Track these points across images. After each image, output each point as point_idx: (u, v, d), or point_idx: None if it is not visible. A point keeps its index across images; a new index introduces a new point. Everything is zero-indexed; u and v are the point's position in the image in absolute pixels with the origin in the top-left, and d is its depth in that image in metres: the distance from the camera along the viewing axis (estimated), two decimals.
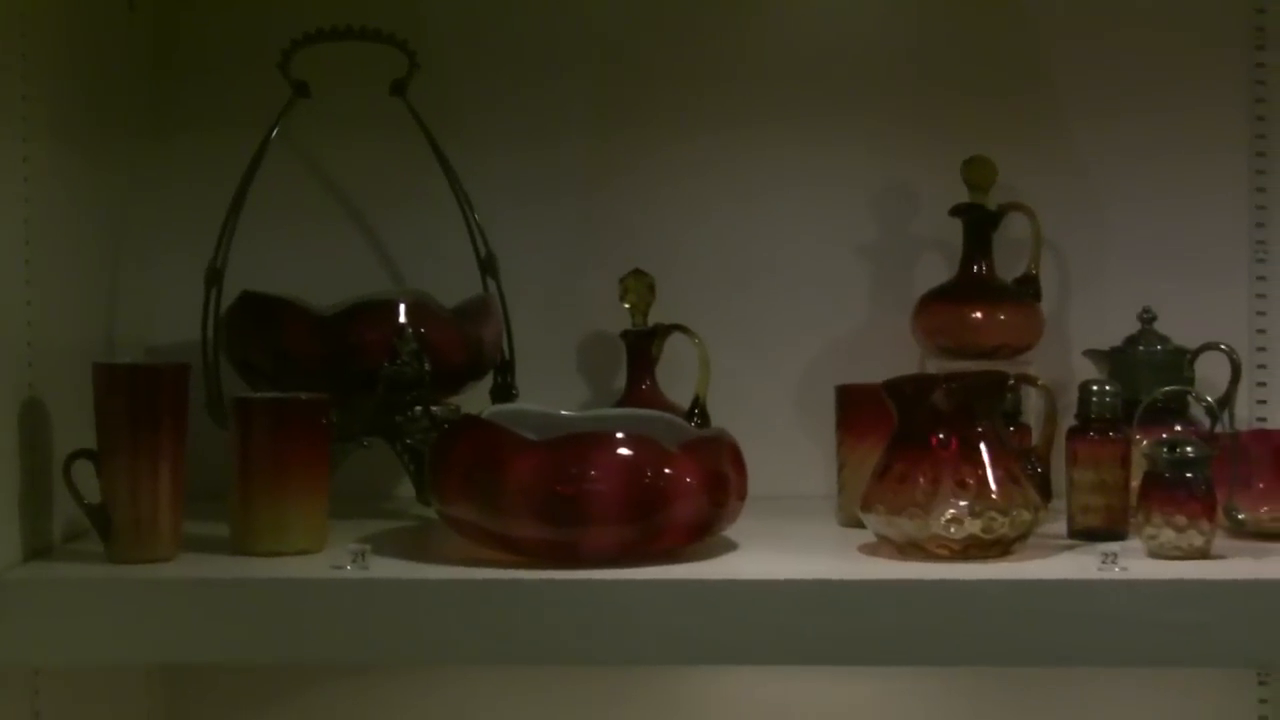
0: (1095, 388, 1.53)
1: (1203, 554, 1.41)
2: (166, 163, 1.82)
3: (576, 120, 1.86)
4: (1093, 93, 1.84)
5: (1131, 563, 1.37)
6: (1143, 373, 1.65)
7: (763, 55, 1.85)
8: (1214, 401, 1.55)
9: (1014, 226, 1.77)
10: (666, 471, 1.38)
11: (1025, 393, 1.67)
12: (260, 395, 1.52)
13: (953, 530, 1.39)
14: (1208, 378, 1.68)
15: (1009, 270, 1.76)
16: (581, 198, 1.86)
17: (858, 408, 1.60)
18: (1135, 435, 1.51)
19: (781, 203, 1.85)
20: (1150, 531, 1.42)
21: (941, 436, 1.42)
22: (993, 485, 1.40)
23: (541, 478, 1.36)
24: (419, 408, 1.61)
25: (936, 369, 1.70)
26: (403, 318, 1.61)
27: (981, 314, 1.72)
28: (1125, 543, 1.47)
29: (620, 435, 1.39)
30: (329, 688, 1.86)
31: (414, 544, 1.52)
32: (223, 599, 1.34)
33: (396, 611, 1.34)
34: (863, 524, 1.46)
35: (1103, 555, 1.37)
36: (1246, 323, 1.82)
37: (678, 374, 1.75)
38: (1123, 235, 1.84)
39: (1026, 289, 1.75)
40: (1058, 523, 1.54)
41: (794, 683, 1.83)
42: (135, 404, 1.40)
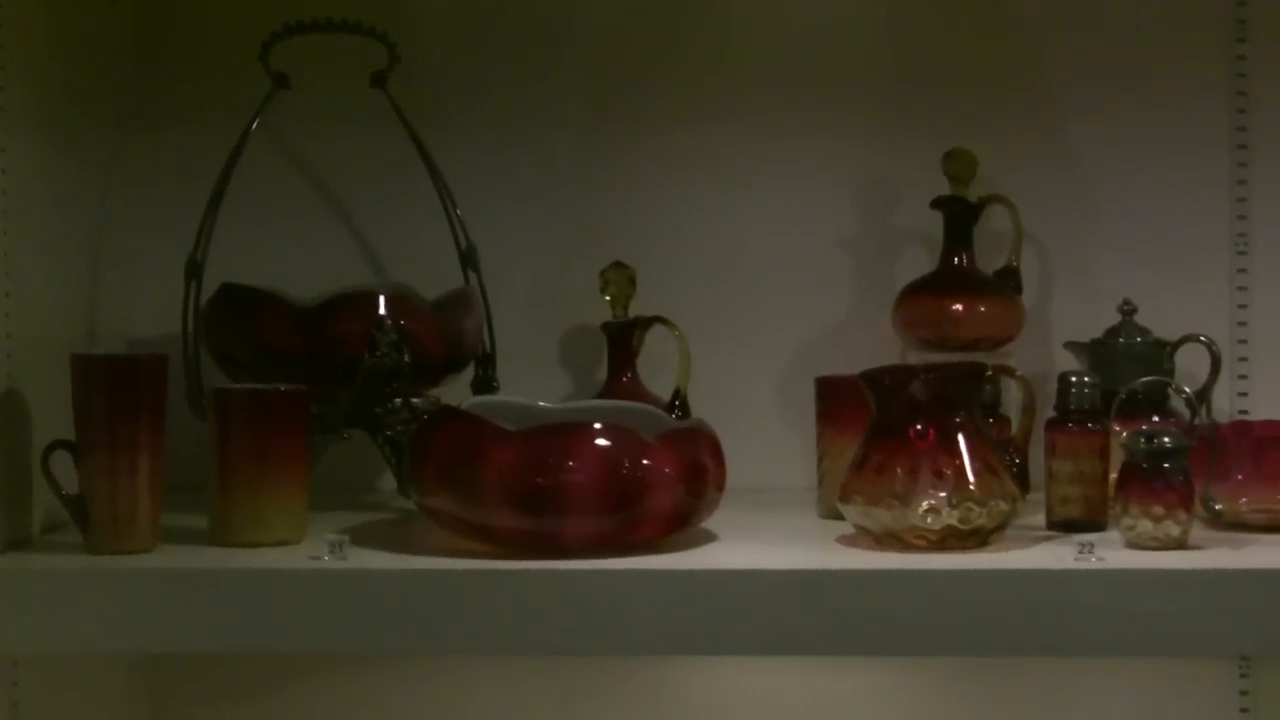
0: (1074, 379, 1.53)
1: (1180, 544, 1.41)
2: (148, 155, 1.82)
3: (559, 114, 1.86)
4: (1074, 86, 1.84)
5: (1108, 553, 1.37)
6: (1123, 365, 1.65)
7: (744, 49, 1.86)
8: (1193, 393, 1.56)
9: (995, 219, 1.77)
10: (644, 462, 1.38)
11: (1005, 385, 1.67)
12: (239, 387, 1.52)
13: (930, 521, 1.39)
14: (1189, 370, 1.68)
15: (990, 263, 1.77)
16: (564, 191, 1.86)
17: (838, 399, 1.59)
18: (1114, 427, 1.51)
19: (763, 195, 1.85)
20: (1128, 522, 1.42)
21: (919, 427, 1.42)
22: (970, 476, 1.40)
23: (519, 468, 1.36)
24: (399, 400, 1.61)
25: (917, 361, 1.70)
26: (382, 310, 1.61)
27: (962, 306, 1.72)
28: (1103, 534, 1.47)
29: (598, 426, 1.39)
30: (312, 679, 1.86)
31: (393, 535, 1.52)
32: (200, 589, 1.34)
33: (374, 602, 1.34)
34: (842, 515, 1.46)
35: (1079, 545, 1.37)
36: (1227, 315, 1.82)
37: (659, 366, 1.75)
38: (1104, 228, 1.84)
39: (1007, 281, 1.75)
40: (1037, 514, 1.54)
41: (778, 675, 1.84)
42: (114, 395, 1.40)
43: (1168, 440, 1.42)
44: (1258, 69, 1.82)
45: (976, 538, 1.41)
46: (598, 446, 1.38)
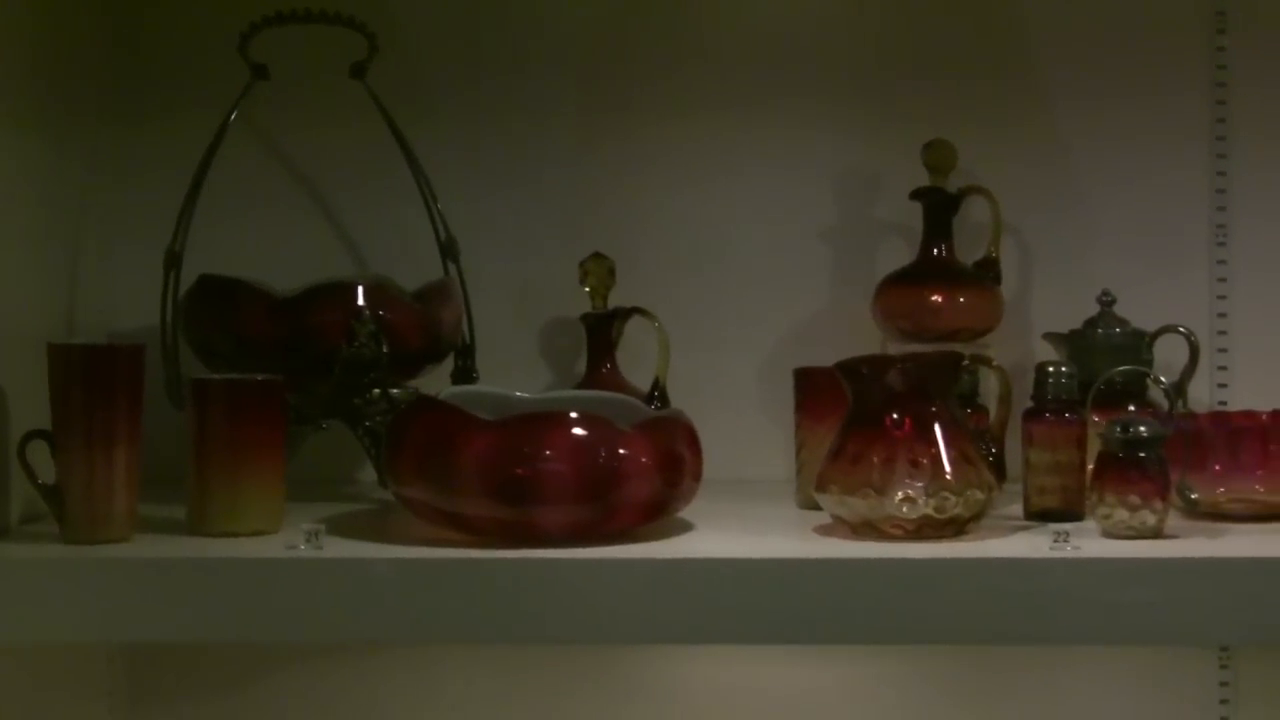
0: (1051, 369, 1.53)
1: (1156, 533, 1.41)
2: (127, 146, 1.82)
3: (538, 105, 1.86)
4: (1054, 77, 1.84)
5: (1084, 542, 1.37)
6: (1101, 355, 1.66)
7: (724, 40, 1.86)
8: (1171, 383, 1.56)
9: (976, 211, 1.78)
10: (620, 451, 1.38)
11: (983, 375, 1.67)
12: (215, 377, 1.52)
13: (906, 510, 1.39)
14: (1168, 361, 1.69)
15: (971, 254, 1.77)
16: (544, 182, 1.86)
17: (816, 390, 1.60)
18: (1093, 417, 1.52)
19: (743, 187, 1.86)
20: (1103, 511, 1.42)
21: (895, 417, 1.42)
22: (946, 465, 1.40)
23: (495, 458, 1.36)
24: (377, 390, 1.62)
25: (897, 352, 1.70)
26: (361, 300, 1.61)
27: (941, 297, 1.72)
28: (1080, 523, 1.47)
29: (574, 415, 1.39)
30: (293, 670, 1.86)
31: (371, 525, 1.53)
32: (175, 579, 1.34)
33: (349, 591, 1.34)
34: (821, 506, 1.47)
35: (1055, 534, 1.37)
36: (1207, 306, 1.83)
37: (639, 358, 1.75)
38: (1083, 219, 1.84)
39: (986, 272, 1.76)
40: (1014, 505, 1.54)
41: (759, 666, 1.84)
42: (90, 385, 1.40)
43: (1144, 430, 1.42)
44: (1237, 61, 1.82)
45: (952, 527, 1.41)
46: (574, 436, 1.38)
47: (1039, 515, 1.51)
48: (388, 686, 1.86)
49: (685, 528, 1.48)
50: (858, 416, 1.44)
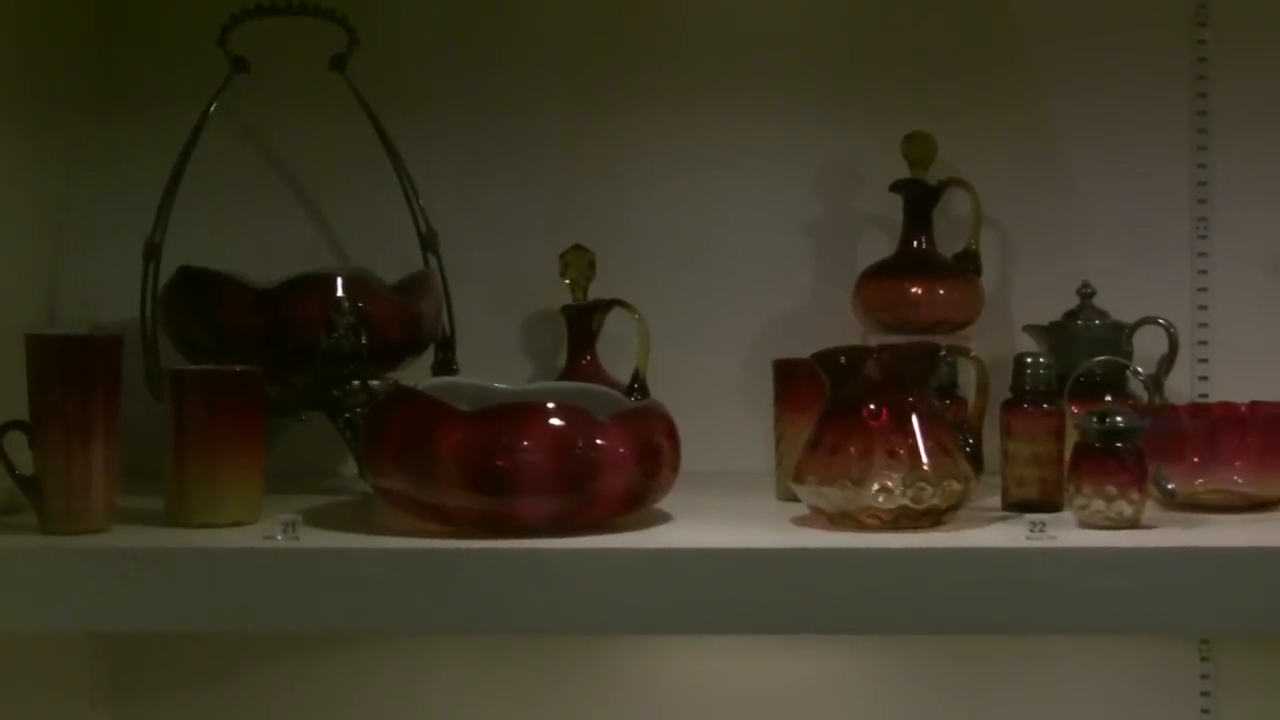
0: (1029, 361, 1.53)
1: (1132, 524, 1.41)
2: (109, 139, 1.82)
3: (519, 98, 1.86)
4: (1034, 70, 1.84)
5: (1060, 532, 1.37)
6: (1081, 347, 1.66)
7: (705, 32, 1.86)
8: (1150, 375, 1.56)
9: (957, 203, 1.78)
10: (598, 442, 1.38)
11: (963, 368, 1.67)
12: (193, 368, 1.52)
13: (882, 500, 1.39)
14: (1149, 353, 1.69)
15: (952, 246, 1.77)
16: (525, 174, 1.86)
17: (795, 382, 1.60)
18: (1073, 409, 1.52)
19: (724, 179, 1.86)
20: (1080, 501, 1.42)
21: (873, 407, 1.42)
22: (923, 456, 1.40)
23: (472, 448, 1.36)
24: (356, 382, 1.62)
25: (877, 344, 1.70)
26: (340, 292, 1.61)
27: (921, 289, 1.72)
28: (1058, 514, 1.47)
29: (551, 406, 1.39)
30: (276, 662, 1.86)
31: (349, 516, 1.53)
32: (152, 569, 1.34)
33: (326, 581, 1.33)
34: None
35: (1031, 524, 1.37)
36: (1188, 298, 1.83)
37: (620, 350, 1.75)
38: (1065, 211, 1.84)
39: (967, 264, 1.76)
40: (993, 496, 1.54)
41: (739, 658, 1.84)
42: (68, 375, 1.40)
43: (1120, 420, 1.42)
44: (1218, 54, 1.83)
45: (930, 518, 1.41)
46: (551, 426, 1.38)
47: (1017, 506, 1.51)
48: (371, 679, 1.86)
49: (663, 519, 1.48)
50: (835, 407, 1.44)
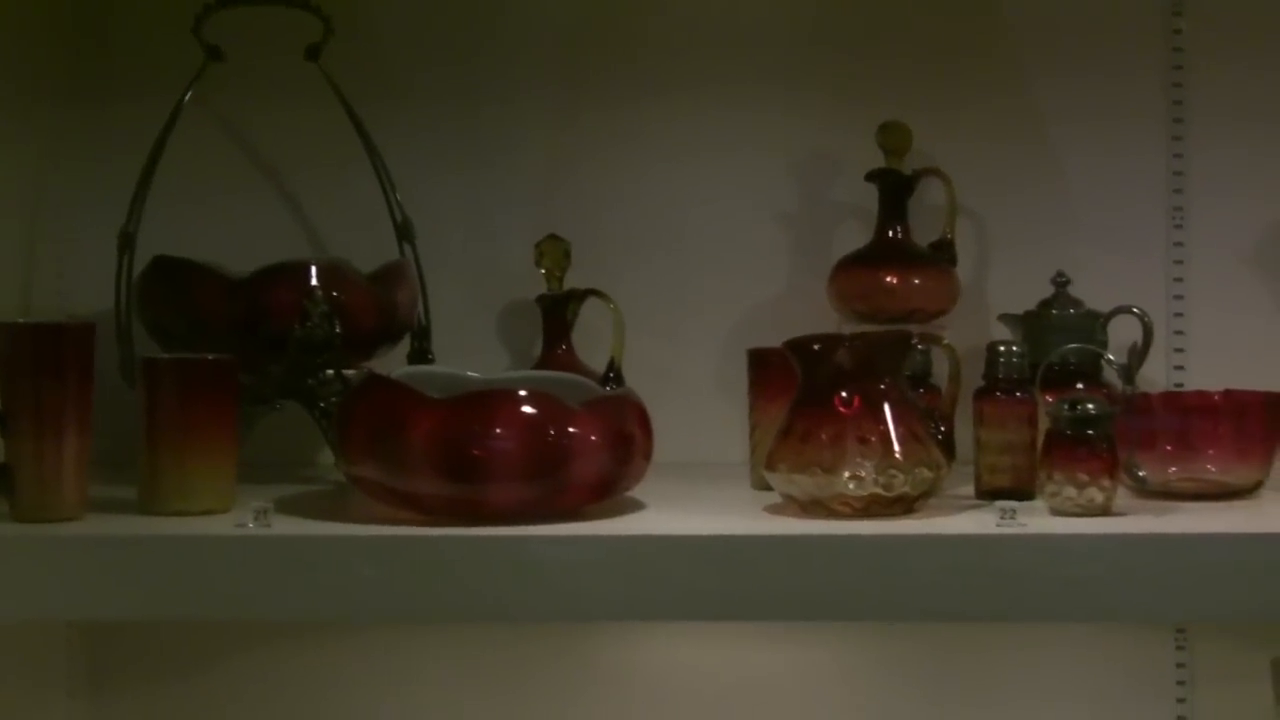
0: (1002, 349, 1.53)
1: (1104, 511, 1.41)
2: (85, 129, 1.83)
3: (496, 89, 1.86)
4: (1009, 59, 1.85)
5: (1031, 519, 1.37)
6: (1056, 336, 1.66)
7: (680, 23, 1.86)
8: (1124, 363, 1.56)
9: (933, 193, 1.78)
10: (570, 429, 1.38)
11: (936, 356, 1.67)
12: (166, 356, 1.52)
13: (853, 488, 1.39)
14: (1126, 343, 1.68)
15: (929, 236, 1.77)
16: (502, 165, 1.86)
17: (769, 371, 1.60)
18: (1045, 397, 1.52)
19: (700, 169, 1.86)
20: (1051, 489, 1.43)
21: (844, 395, 1.42)
22: (895, 444, 1.40)
23: (444, 435, 1.36)
24: (331, 371, 1.62)
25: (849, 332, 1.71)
26: (314, 281, 1.61)
27: (896, 278, 1.72)
28: (1031, 502, 1.47)
29: (522, 393, 1.40)
30: (254, 651, 1.87)
31: (322, 504, 1.53)
32: (123, 557, 1.34)
33: (297, 569, 1.34)
34: None
35: (1001, 511, 1.37)
36: (1164, 288, 1.83)
37: (598, 340, 1.75)
38: (1040, 201, 1.84)
39: (942, 254, 1.76)
40: (967, 485, 1.54)
41: (717, 648, 1.84)
42: (39, 363, 1.39)
43: (1092, 407, 1.43)
44: (1194, 44, 1.83)
45: (901, 505, 1.41)
46: (522, 413, 1.38)
47: (990, 494, 1.51)
48: (350, 668, 1.87)
49: (636, 507, 1.48)
50: (807, 395, 1.44)
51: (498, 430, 1.37)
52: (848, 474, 1.39)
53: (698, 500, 1.53)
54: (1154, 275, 1.83)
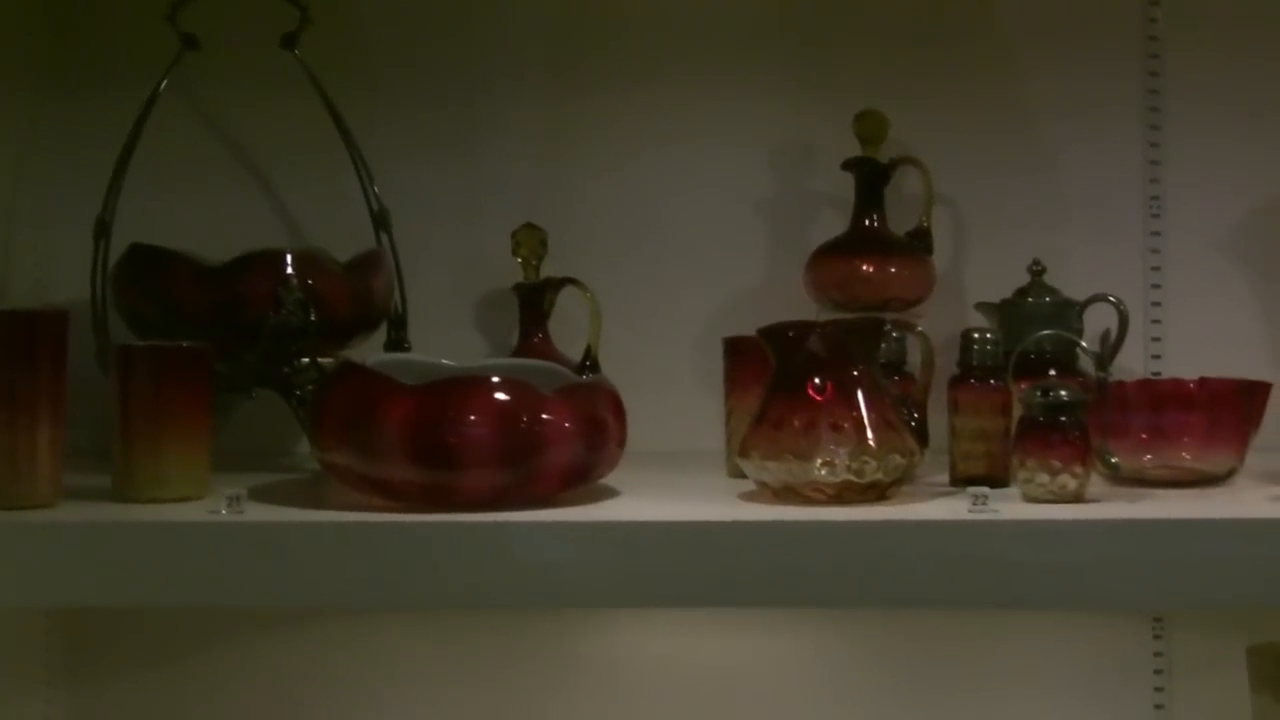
0: (976, 336, 1.53)
1: (1076, 498, 1.41)
2: (62, 118, 1.83)
3: (473, 77, 1.86)
4: (987, 48, 1.85)
5: (1003, 505, 1.37)
6: (1032, 324, 1.65)
7: (658, 11, 1.86)
8: (1100, 351, 1.56)
9: (911, 182, 1.78)
10: (543, 416, 1.38)
11: (911, 344, 1.67)
12: (140, 343, 1.52)
13: (825, 474, 1.39)
14: (1104, 332, 1.69)
15: (904, 225, 1.77)
16: (480, 153, 1.87)
17: (744, 359, 1.60)
18: (1019, 384, 1.52)
19: (678, 158, 1.86)
20: (1024, 475, 1.42)
21: (817, 382, 1.42)
22: (868, 430, 1.40)
23: (416, 422, 1.36)
24: (306, 359, 1.62)
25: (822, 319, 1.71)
26: (289, 269, 1.61)
27: (872, 267, 1.72)
28: (1005, 490, 1.48)
29: (495, 380, 1.39)
30: (233, 641, 1.87)
31: (297, 492, 1.53)
32: (96, 543, 1.34)
33: (269, 555, 1.34)
34: None
35: (974, 498, 1.37)
36: (1141, 276, 1.84)
37: (575, 328, 1.75)
38: (1017, 189, 1.85)
39: (918, 242, 1.76)
40: (942, 473, 1.54)
41: (697, 637, 1.84)
42: (13, 350, 1.39)
43: (1064, 394, 1.43)
44: (1170, 32, 1.83)
45: (874, 492, 1.41)
46: (495, 400, 1.38)
47: (965, 482, 1.50)
48: (329, 656, 1.87)
49: (610, 494, 1.48)
50: (781, 382, 1.44)
51: (471, 417, 1.37)
52: (820, 461, 1.39)
53: (672, 488, 1.53)
54: (1131, 264, 1.84)
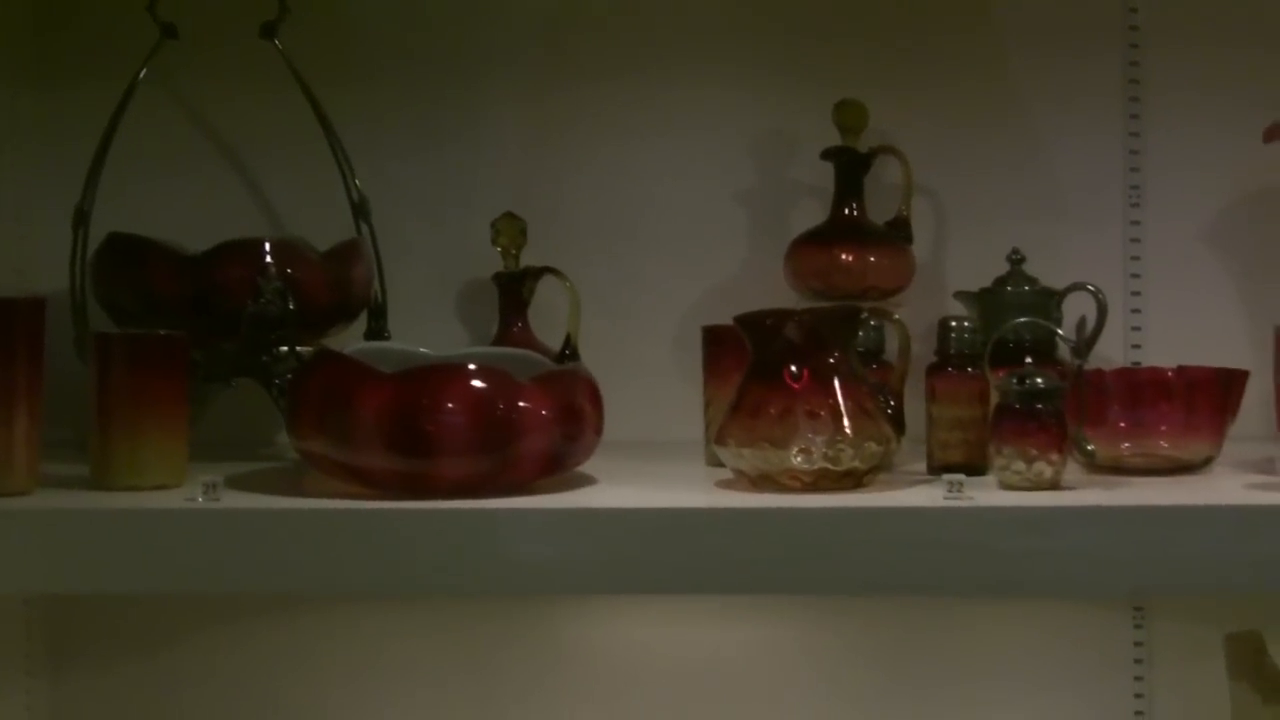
0: (954, 324, 1.54)
1: (1052, 485, 1.42)
2: (41, 107, 1.83)
3: (453, 65, 1.86)
4: (967, 38, 1.84)
5: (979, 493, 1.38)
6: (1011, 313, 1.64)
7: (638, 1, 1.86)
8: (1079, 340, 1.56)
9: (891, 172, 1.78)
10: (519, 404, 1.39)
11: (889, 332, 1.68)
12: (117, 332, 1.53)
13: (801, 462, 1.39)
14: (1086, 322, 1.69)
15: (884, 214, 1.77)
16: (460, 143, 1.86)
17: (723, 348, 1.60)
18: (996, 372, 1.52)
19: (657, 147, 1.86)
20: (1000, 463, 1.43)
21: (794, 369, 1.42)
22: (844, 418, 1.41)
23: (393, 409, 1.37)
24: (285, 348, 1.62)
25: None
26: (267, 258, 1.61)
27: (851, 256, 1.72)
28: (982, 478, 1.48)
29: (471, 368, 1.40)
30: (215, 629, 1.87)
31: (274, 480, 1.53)
32: (72, 531, 1.35)
33: (246, 543, 1.34)
34: None
35: (949, 485, 1.37)
36: (1121, 266, 1.83)
37: (555, 318, 1.74)
38: (997, 179, 1.84)
39: (898, 232, 1.76)
40: (920, 461, 1.54)
41: (680, 626, 1.85)
42: None
43: (1040, 381, 1.43)
44: (1150, 22, 1.82)
45: (850, 479, 1.41)
46: (471, 388, 1.39)
47: (942, 470, 1.50)
48: (313, 645, 1.87)
49: (587, 482, 1.49)
50: (757, 370, 1.44)
51: (447, 405, 1.37)
52: (796, 448, 1.40)
53: (650, 476, 1.53)
54: (1111, 254, 1.83)
